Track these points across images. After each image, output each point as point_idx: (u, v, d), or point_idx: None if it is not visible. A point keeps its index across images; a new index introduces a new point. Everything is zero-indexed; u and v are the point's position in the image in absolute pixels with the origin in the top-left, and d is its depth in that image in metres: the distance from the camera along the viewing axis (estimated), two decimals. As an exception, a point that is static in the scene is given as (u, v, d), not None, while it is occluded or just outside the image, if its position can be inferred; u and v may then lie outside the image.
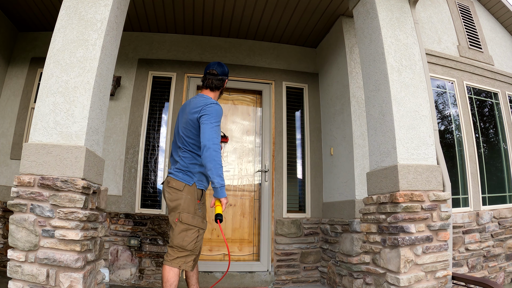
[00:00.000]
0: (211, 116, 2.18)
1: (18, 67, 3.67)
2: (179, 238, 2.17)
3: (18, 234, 1.81)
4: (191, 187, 2.22)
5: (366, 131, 3.00)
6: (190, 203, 2.21)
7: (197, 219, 2.21)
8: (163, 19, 3.62)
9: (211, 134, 2.13)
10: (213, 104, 2.24)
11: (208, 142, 2.11)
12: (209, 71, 2.43)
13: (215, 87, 2.42)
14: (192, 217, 2.20)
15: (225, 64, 2.50)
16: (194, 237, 2.19)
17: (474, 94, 4.06)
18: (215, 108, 2.23)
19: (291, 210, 3.67)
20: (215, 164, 2.08)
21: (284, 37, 3.96)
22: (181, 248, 2.17)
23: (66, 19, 2.16)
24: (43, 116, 2.00)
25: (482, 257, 3.47)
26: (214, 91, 2.43)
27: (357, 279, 2.80)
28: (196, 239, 2.21)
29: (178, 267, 2.17)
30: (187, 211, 2.19)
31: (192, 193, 2.22)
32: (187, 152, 2.27)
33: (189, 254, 2.18)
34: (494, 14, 4.73)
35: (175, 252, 2.17)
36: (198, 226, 2.22)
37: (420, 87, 2.51)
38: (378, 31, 2.57)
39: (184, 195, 2.21)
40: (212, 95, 2.42)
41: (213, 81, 2.41)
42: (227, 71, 2.47)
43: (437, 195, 2.29)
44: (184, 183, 2.22)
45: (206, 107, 2.23)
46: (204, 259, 3.43)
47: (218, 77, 2.41)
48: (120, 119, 3.55)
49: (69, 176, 1.90)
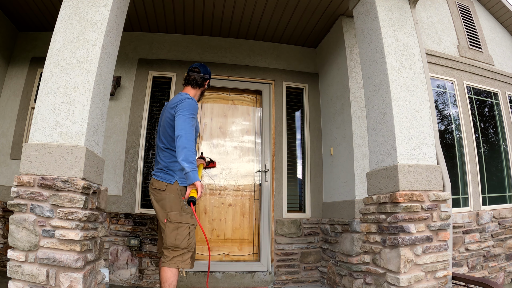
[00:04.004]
0: (184, 109, 2.19)
1: (18, 67, 3.67)
2: (171, 238, 2.17)
3: (18, 234, 1.81)
4: (173, 185, 2.23)
5: (366, 131, 3.00)
6: (175, 201, 2.21)
7: (185, 215, 2.22)
8: (163, 19, 3.62)
9: (183, 124, 2.13)
10: (187, 99, 2.26)
11: (180, 131, 2.10)
12: (191, 68, 2.53)
13: (196, 84, 2.48)
14: (180, 215, 2.21)
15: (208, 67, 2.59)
16: (186, 234, 2.19)
17: (474, 94, 4.06)
18: (189, 102, 2.24)
19: (291, 210, 3.67)
20: (187, 151, 2.05)
21: (284, 37, 3.96)
22: (176, 247, 2.17)
23: (66, 19, 2.16)
24: (43, 116, 2.00)
25: (482, 257, 3.47)
26: (194, 87, 2.48)
27: (357, 279, 2.80)
28: (188, 235, 2.21)
29: (176, 267, 2.17)
30: (174, 210, 2.20)
31: (176, 191, 2.22)
32: (166, 150, 2.29)
33: (184, 252, 2.19)
34: (494, 14, 4.73)
35: (171, 252, 2.18)
36: (188, 222, 2.22)
37: (420, 87, 2.51)
38: (378, 31, 2.57)
39: (167, 194, 2.22)
40: (193, 92, 2.48)
41: (195, 77, 2.47)
42: (209, 72, 2.55)
43: (437, 195, 2.29)
44: (166, 183, 2.23)
45: (181, 102, 2.25)
46: (204, 259, 3.43)
47: (200, 74, 2.48)
48: (120, 119, 3.55)
49: (69, 176, 1.90)
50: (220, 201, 3.60)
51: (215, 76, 3.83)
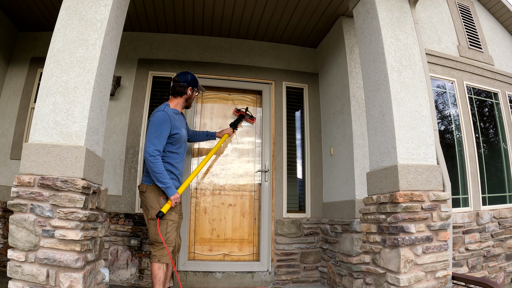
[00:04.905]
0: (150, 127, 2.43)
1: (18, 67, 3.67)
2: (152, 233, 2.41)
3: (18, 234, 1.81)
4: (152, 186, 2.45)
5: (366, 131, 3.00)
6: (154, 199, 2.44)
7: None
8: (163, 19, 3.62)
9: (146, 145, 2.38)
10: (156, 113, 2.48)
11: (144, 154, 2.38)
12: (173, 78, 2.72)
13: (175, 93, 2.65)
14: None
15: (192, 74, 2.71)
16: (164, 229, 2.40)
17: (474, 94, 4.06)
18: (156, 117, 2.45)
19: (291, 210, 3.67)
20: (154, 174, 2.36)
21: (284, 37, 3.96)
22: (157, 242, 2.39)
23: (66, 19, 2.16)
24: (43, 116, 2.00)
25: (482, 257, 3.47)
26: (176, 97, 2.66)
27: (357, 279, 2.80)
28: (166, 230, 2.41)
29: (157, 261, 2.36)
30: (154, 208, 2.43)
31: (154, 191, 2.45)
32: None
33: (164, 247, 2.37)
34: (494, 14, 4.73)
35: (153, 248, 2.40)
36: (166, 218, 2.42)
37: (420, 87, 2.51)
38: (378, 31, 2.57)
39: (147, 195, 2.46)
40: (175, 102, 2.66)
41: (174, 86, 2.66)
42: (190, 79, 2.67)
43: (437, 195, 2.29)
44: (146, 184, 2.48)
45: (151, 118, 2.50)
46: (204, 259, 3.43)
47: (179, 83, 2.64)
48: (120, 119, 3.55)
49: (69, 176, 1.90)
50: (220, 201, 3.60)
51: (215, 76, 3.83)
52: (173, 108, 2.62)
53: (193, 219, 3.51)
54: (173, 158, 2.55)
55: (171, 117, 2.50)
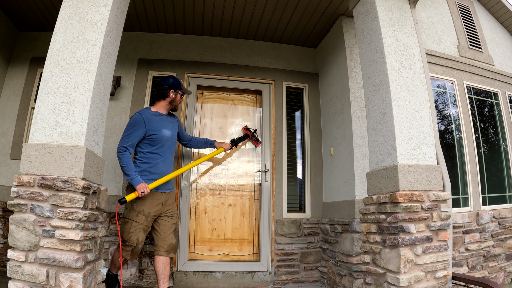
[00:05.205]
0: (126, 128, 2.59)
1: (18, 67, 3.67)
2: (121, 230, 2.57)
3: (18, 234, 1.81)
4: (130, 186, 2.56)
5: (366, 131, 3.00)
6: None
7: (132, 212, 2.54)
8: (163, 19, 3.62)
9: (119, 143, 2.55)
10: (133, 116, 2.63)
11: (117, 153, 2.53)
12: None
13: (158, 96, 2.77)
14: (128, 211, 2.56)
15: (174, 78, 2.80)
16: (128, 228, 2.52)
17: (474, 94, 4.06)
18: (131, 119, 2.62)
19: (291, 210, 3.67)
20: (121, 168, 2.51)
21: (284, 37, 3.96)
22: (122, 239, 2.54)
23: (66, 19, 2.17)
24: (43, 116, 2.00)
25: (482, 257, 3.47)
26: (159, 100, 2.77)
27: (357, 279, 2.81)
28: (129, 230, 2.52)
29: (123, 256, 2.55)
30: (126, 207, 2.58)
31: (131, 191, 2.52)
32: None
33: (126, 244, 2.53)
34: (494, 14, 4.73)
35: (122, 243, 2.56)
36: (132, 219, 2.53)
37: (420, 87, 2.51)
38: (378, 31, 2.57)
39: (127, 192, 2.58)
40: (158, 105, 2.76)
41: (158, 90, 2.77)
42: (171, 82, 2.76)
43: (437, 195, 2.29)
44: (128, 184, 2.60)
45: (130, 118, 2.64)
46: (204, 259, 3.43)
47: (161, 87, 2.75)
48: (120, 119, 3.55)
49: (69, 176, 1.90)
50: (220, 201, 3.60)
51: (215, 76, 3.83)
52: (155, 111, 2.72)
53: (193, 219, 3.51)
54: (153, 158, 2.63)
55: (146, 118, 2.59)
